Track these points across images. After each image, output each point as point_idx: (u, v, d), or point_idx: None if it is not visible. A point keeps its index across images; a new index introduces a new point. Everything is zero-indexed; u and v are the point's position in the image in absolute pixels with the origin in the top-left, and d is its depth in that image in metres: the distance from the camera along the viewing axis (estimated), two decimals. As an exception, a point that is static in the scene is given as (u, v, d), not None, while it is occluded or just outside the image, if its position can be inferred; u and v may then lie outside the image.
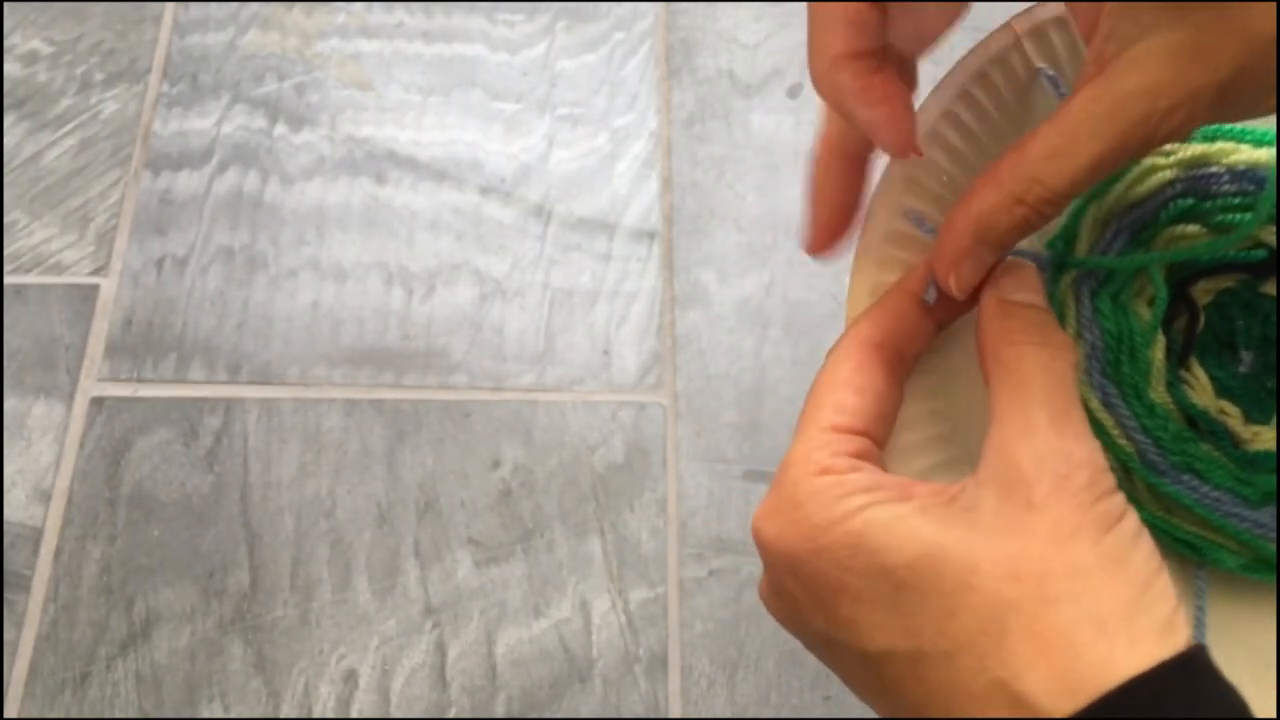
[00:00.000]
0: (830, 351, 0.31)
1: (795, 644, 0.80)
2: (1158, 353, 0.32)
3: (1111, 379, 0.32)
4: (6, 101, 0.91)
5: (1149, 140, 0.27)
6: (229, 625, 0.73)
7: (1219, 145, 0.32)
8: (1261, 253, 0.33)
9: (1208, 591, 0.31)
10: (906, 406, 0.32)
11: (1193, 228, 0.32)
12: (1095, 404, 0.31)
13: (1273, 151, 0.32)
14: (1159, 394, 0.32)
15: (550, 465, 0.78)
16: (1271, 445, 0.32)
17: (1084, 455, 0.26)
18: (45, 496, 0.77)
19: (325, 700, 0.71)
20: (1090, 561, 0.25)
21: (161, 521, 0.76)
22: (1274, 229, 0.32)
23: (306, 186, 0.88)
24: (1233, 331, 0.33)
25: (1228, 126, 0.32)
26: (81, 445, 0.78)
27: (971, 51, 0.33)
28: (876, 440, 0.30)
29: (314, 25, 0.95)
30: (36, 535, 0.75)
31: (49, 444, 0.78)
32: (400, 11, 0.95)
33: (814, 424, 0.29)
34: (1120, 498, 0.26)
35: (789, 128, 0.91)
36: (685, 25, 0.95)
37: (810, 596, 0.28)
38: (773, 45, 0.95)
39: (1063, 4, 0.32)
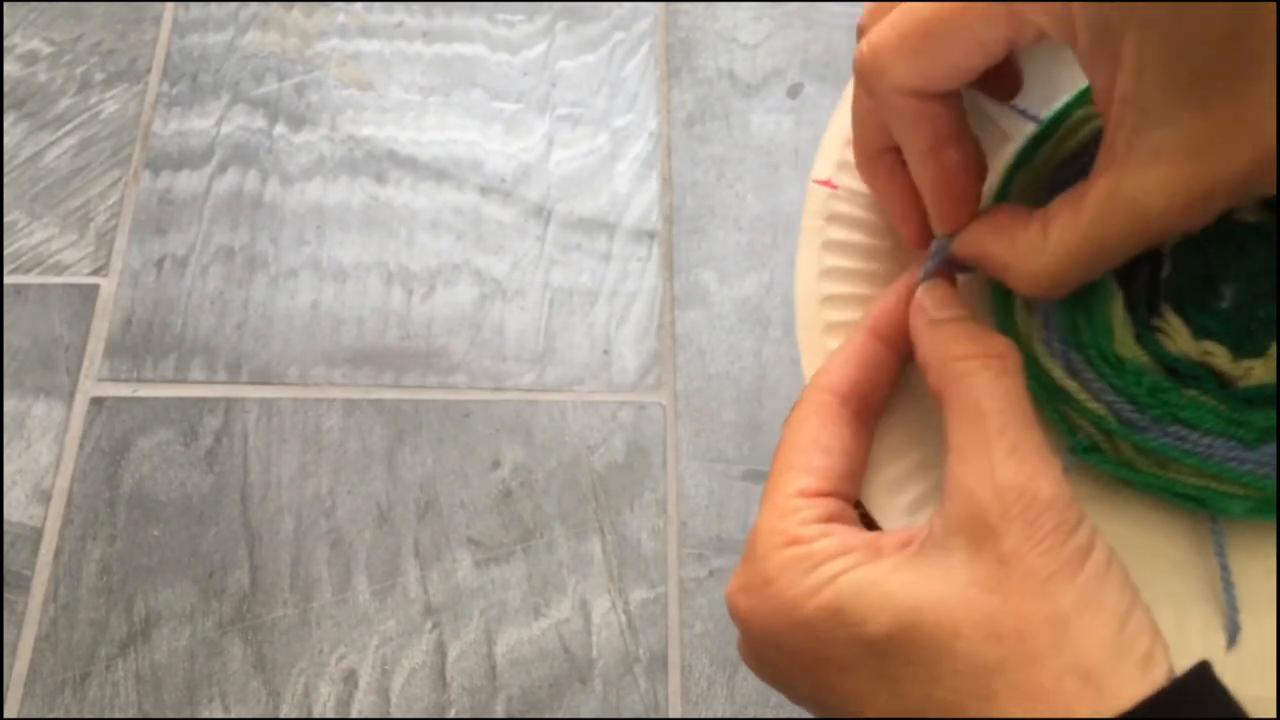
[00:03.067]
0: (795, 408, 0.31)
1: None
2: (1116, 307, 0.30)
3: (1072, 344, 0.30)
4: (6, 101, 0.91)
5: (1161, 234, 0.26)
6: (229, 625, 0.73)
7: None
8: None
9: (1227, 546, 0.30)
10: (885, 438, 0.31)
11: None
12: (1059, 373, 0.31)
13: None
14: (1127, 348, 0.30)
15: (550, 465, 0.78)
16: (1268, 379, 0.31)
17: (1048, 491, 0.26)
18: (45, 496, 0.76)
19: (325, 700, 0.71)
20: (1067, 608, 0.25)
21: (161, 521, 0.76)
22: None
23: (306, 186, 0.88)
24: (1209, 267, 0.32)
25: None
26: (81, 445, 0.78)
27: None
28: (848, 497, 0.30)
29: (314, 25, 0.94)
30: (36, 535, 0.75)
31: (49, 444, 0.78)
32: (400, 11, 0.95)
33: (780, 491, 0.29)
34: (1088, 527, 0.26)
35: (789, 128, 0.91)
36: (685, 25, 0.95)
37: (794, 666, 0.27)
38: (773, 45, 0.95)
39: None
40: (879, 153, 0.31)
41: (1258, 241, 0.31)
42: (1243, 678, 0.29)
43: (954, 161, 0.30)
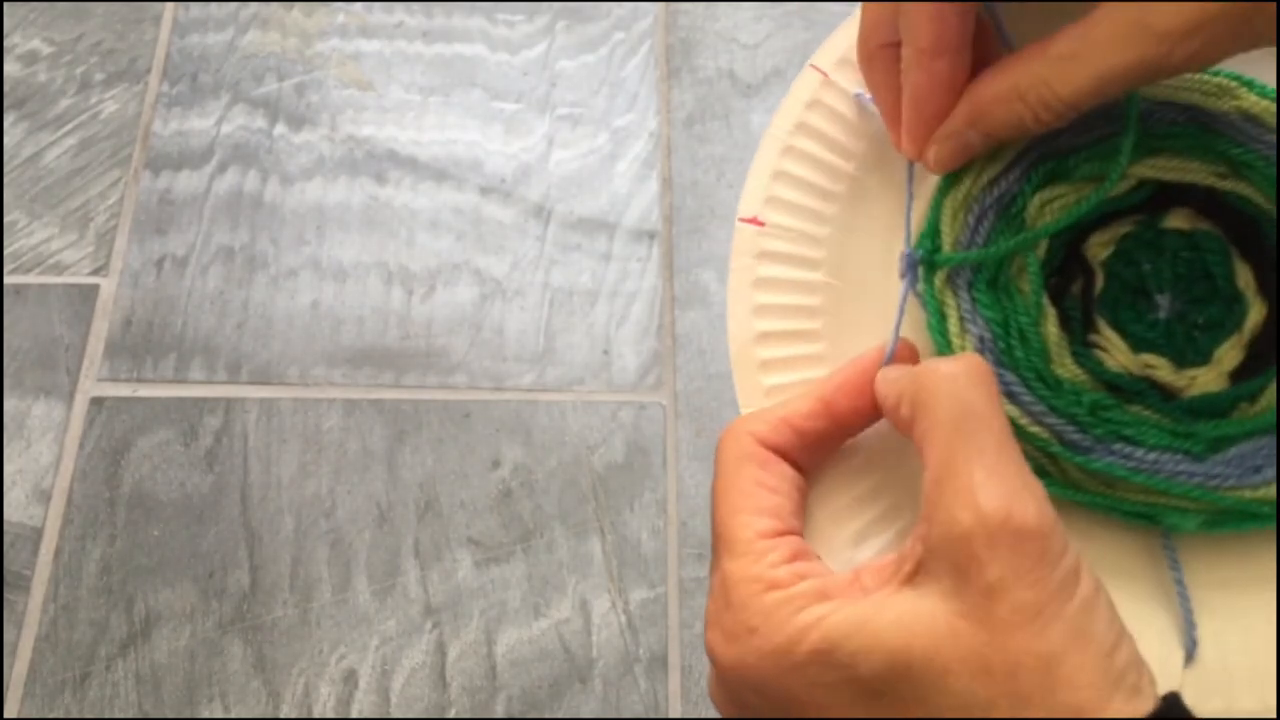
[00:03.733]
0: (725, 450, 0.30)
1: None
2: (1050, 327, 0.30)
3: (1008, 366, 0.30)
4: (6, 101, 0.91)
5: (1163, 64, 0.26)
6: (229, 625, 0.73)
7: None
8: (1148, 189, 0.31)
9: (1181, 563, 0.30)
10: (828, 471, 0.31)
11: (1061, 188, 0.31)
12: None
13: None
14: (1064, 368, 0.30)
15: (550, 465, 0.78)
16: (1213, 387, 0.31)
17: (1033, 517, 0.25)
18: (45, 496, 0.76)
19: (325, 700, 0.71)
20: (1057, 644, 0.24)
21: (161, 521, 0.76)
22: (1153, 163, 0.31)
23: (306, 186, 0.88)
24: (1142, 278, 0.31)
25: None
26: (81, 445, 0.78)
27: (783, 103, 0.33)
28: (800, 532, 0.30)
29: (314, 25, 0.94)
30: (36, 535, 0.75)
31: (49, 444, 0.78)
32: (400, 11, 0.95)
33: (739, 537, 0.29)
34: (1073, 554, 0.26)
35: (789, 128, 0.91)
36: (685, 25, 0.95)
37: (776, 710, 0.27)
38: (773, 45, 0.95)
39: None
40: (881, 47, 0.31)
41: (1188, 248, 0.31)
42: (1203, 692, 0.29)
43: (942, 75, 0.29)
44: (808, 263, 0.32)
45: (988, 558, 0.25)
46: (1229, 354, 0.31)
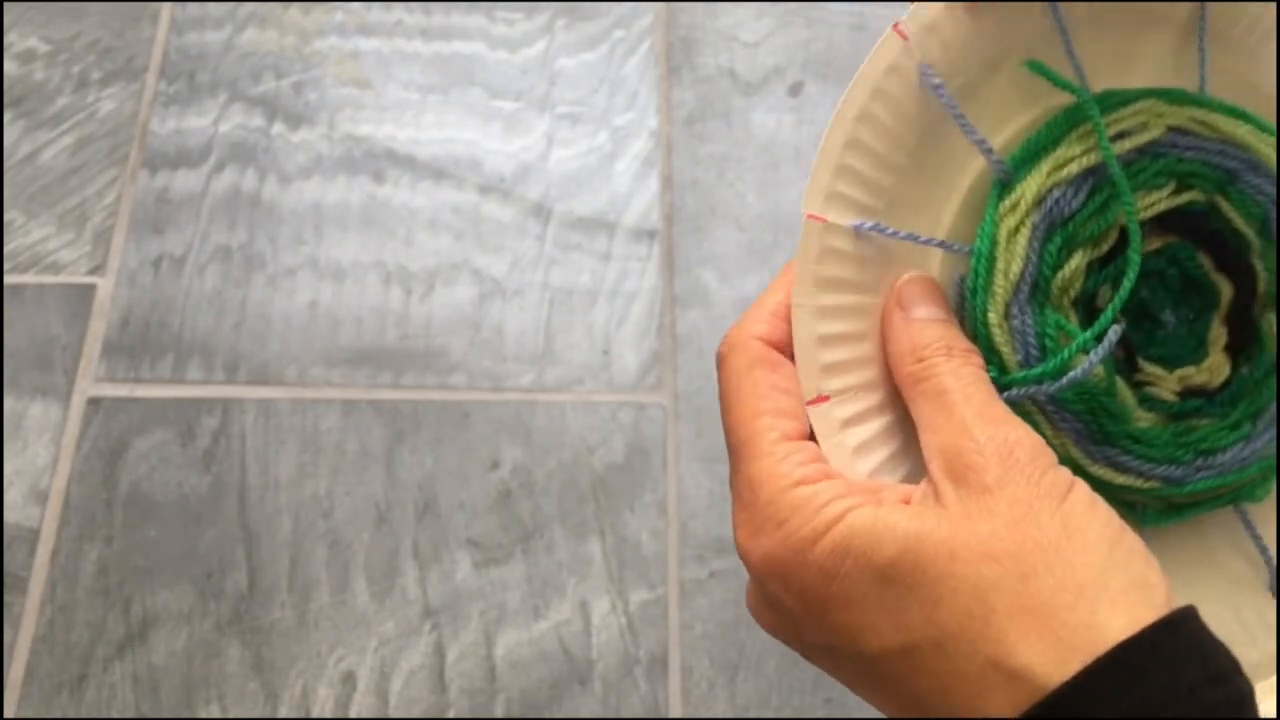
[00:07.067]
0: (729, 358, 0.31)
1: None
2: (1124, 392, 0.32)
3: (1106, 443, 0.32)
4: (3, 100, 0.90)
5: None
6: (227, 626, 0.73)
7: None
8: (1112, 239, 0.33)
9: (1256, 525, 0.33)
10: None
11: (1075, 258, 0.32)
12: (1110, 473, 0.32)
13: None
14: (1143, 420, 0.33)
15: (550, 466, 0.78)
16: (1223, 366, 0.33)
17: (1019, 435, 0.28)
18: (42, 497, 0.76)
19: (324, 702, 0.71)
20: (1054, 534, 0.26)
21: (159, 522, 0.76)
22: (1141, 206, 0.33)
23: (304, 185, 0.88)
24: (1145, 304, 0.34)
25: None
26: (78, 446, 0.78)
27: (863, 66, 0.32)
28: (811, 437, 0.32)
29: (312, 23, 0.94)
30: (33, 536, 0.75)
31: (46, 444, 0.78)
32: (399, 10, 0.95)
33: (762, 438, 0.30)
34: (1065, 471, 0.28)
35: (789, 126, 0.91)
36: (685, 23, 0.95)
37: (803, 607, 0.28)
38: (773, 44, 0.94)
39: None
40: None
41: (1168, 264, 0.34)
42: None
43: None
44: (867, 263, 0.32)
45: (982, 464, 0.28)
46: (1218, 333, 0.34)
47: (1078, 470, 0.31)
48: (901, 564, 0.27)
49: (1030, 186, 0.31)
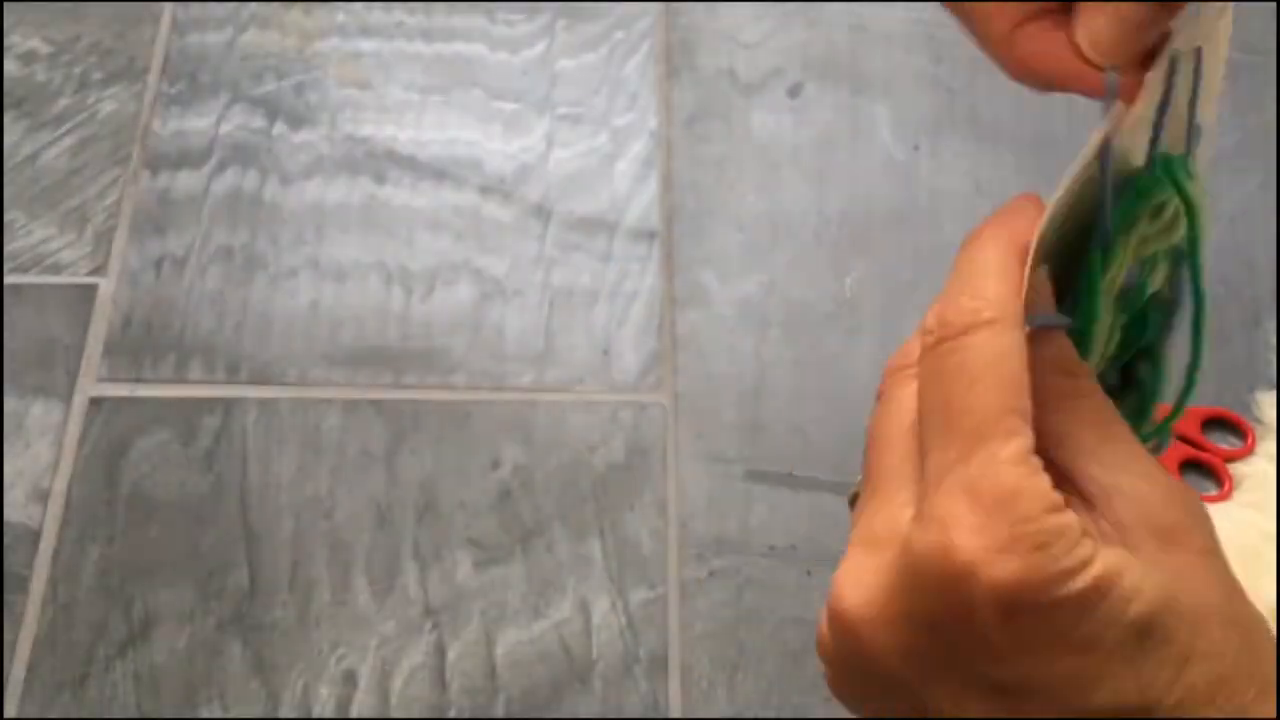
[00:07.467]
0: (998, 320, 0.27)
1: (796, 645, 0.79)
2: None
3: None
4: (5, 101, 0.90)
5: None
6: (228, 626, 0.73)
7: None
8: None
9: None
10: None
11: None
12: None
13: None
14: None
15: (550, 465, 0.78)
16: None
17: (1191, 493, 0.28)
18: (44, 497, 0.76)
19: (324, 701, 0.71)
20: (1252, 610, 0.27)
21: (160, 522, 0.76)
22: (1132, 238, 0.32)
23: (306, 186, 0.88)
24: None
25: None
26: (80, 446, 0.78)
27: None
28: None
29: (313, 24, 0.94)
30: (35, 536, 0.75)
31: (47, 444, 0.78)
32: (400, 11, 0.95)
33: (1016, 440, 0.26)
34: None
35: (789, 127, 0.91)
36: (685, 24, 0.95)
37: (1020, 642, 0.26)
38: (773, 44, 0.94)
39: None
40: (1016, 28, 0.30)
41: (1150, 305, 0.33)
42: None
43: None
44: None
45: (1188, 526, 0.27)
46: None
47: None
48: (1158, 618, 0.25)
49: (1121, 263, 0.30)
